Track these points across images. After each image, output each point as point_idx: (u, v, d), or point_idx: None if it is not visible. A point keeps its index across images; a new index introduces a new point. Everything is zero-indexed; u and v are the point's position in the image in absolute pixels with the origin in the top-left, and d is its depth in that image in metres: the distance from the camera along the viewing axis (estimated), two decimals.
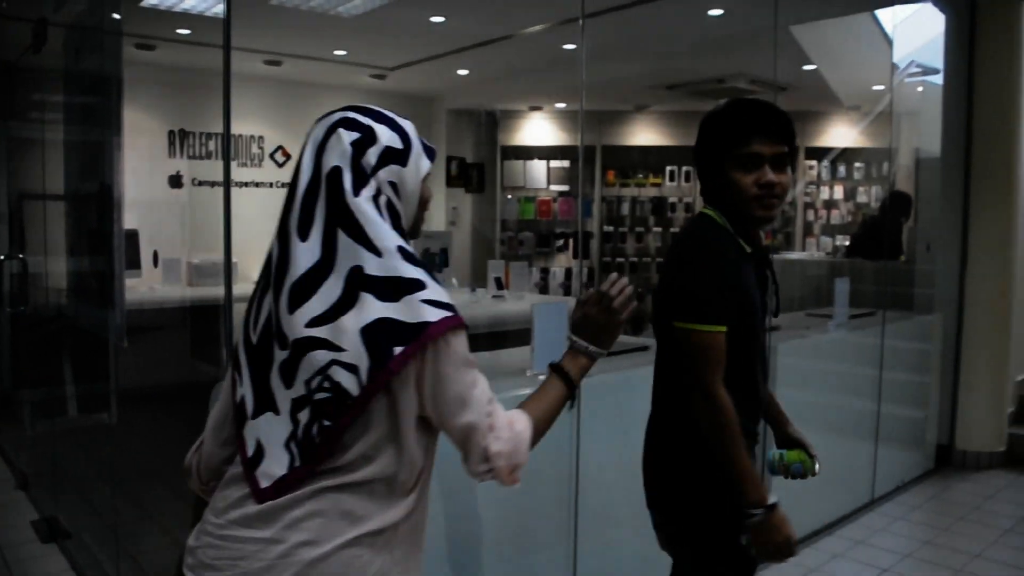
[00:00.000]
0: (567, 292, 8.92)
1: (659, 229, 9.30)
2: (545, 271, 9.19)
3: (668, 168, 9.19)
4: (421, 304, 1.28)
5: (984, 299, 5.42)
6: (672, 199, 9.23)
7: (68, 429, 4.82)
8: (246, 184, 7.70)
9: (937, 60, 5.65)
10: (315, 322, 1.29)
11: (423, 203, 1.45)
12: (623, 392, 3.09)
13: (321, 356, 1.28)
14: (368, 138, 1.36)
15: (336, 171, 1.34)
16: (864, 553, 4.07)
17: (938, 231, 5.61)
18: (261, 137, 7.79)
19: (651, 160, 9.24)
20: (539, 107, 9.23)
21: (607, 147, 9.27)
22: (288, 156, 7.96)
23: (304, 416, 1.30)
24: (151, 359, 5.15)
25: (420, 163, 1.41)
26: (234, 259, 8.07)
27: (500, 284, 6.06)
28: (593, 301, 1.60)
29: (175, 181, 7.08)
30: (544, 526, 2.92)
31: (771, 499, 1.83)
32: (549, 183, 9.31)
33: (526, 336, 3.05)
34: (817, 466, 2.11)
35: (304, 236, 1.33)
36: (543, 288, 8.98)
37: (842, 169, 9.27)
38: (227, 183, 2.57)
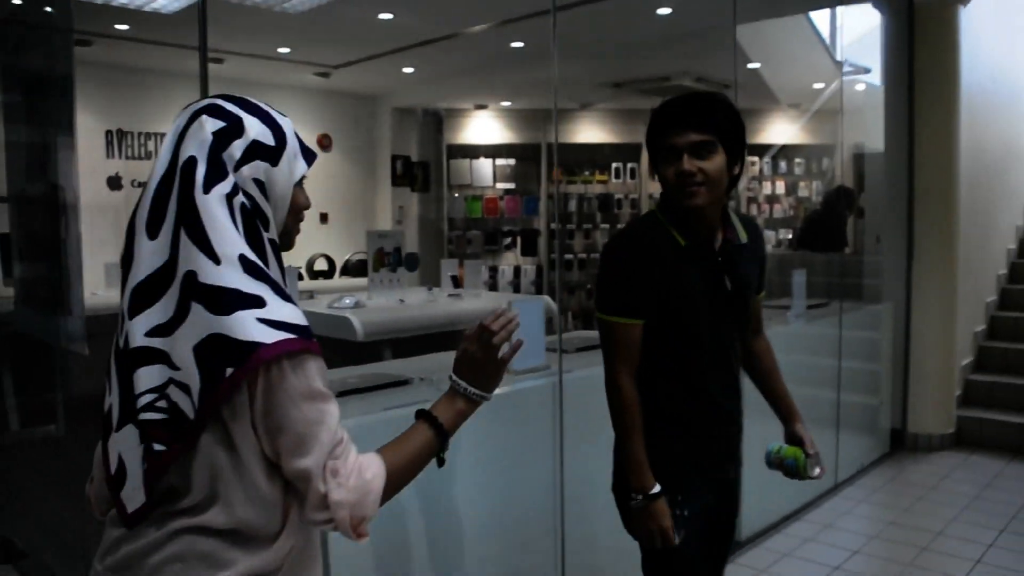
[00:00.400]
0: (516, 290, 8.94)
1: (606, 226, 9.37)
2: (494, 269, 9.19)
3: (614, 165, 9.26)
4: (255, 323, 1.14)
5: (931, 288, 5.60)
6: (618, 196, 9.31)
7: (13, 443, 4.63)
8: None
9: (871, 58, 5.82)
10: (156, 332, 1.18)
11: (296, 210, 1.32)
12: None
13: (158, 373, 1.17)
14: (234, 129, 1.24)
15: (191, 162, 1.21)
16: (834, 536, 4.18)
17: (885, 223, 5.77)
18: None
19: (597, 157, 9.31)
20: (484, 105, 9.21)
21: (553, 145, 9.30)
22: None
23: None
24: (101, 366, 4.98)
25: (295, 165, 1.30)
26: None
27: (456, 282, 6.04)
28: (473, 337, 1.46)
29: (114, 183, 6.87)
30: (531, 521, 2.92)
31: (654, 489, 1.96)
32: (495, 181, 9.30)
33: None
34: (817, 470, 2.11)
35: (153, 234, 1.20)
36: (492, 286, 8.97)
37: (783, 165, 9.47)
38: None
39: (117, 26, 5.81)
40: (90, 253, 6.22)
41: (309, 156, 1.34)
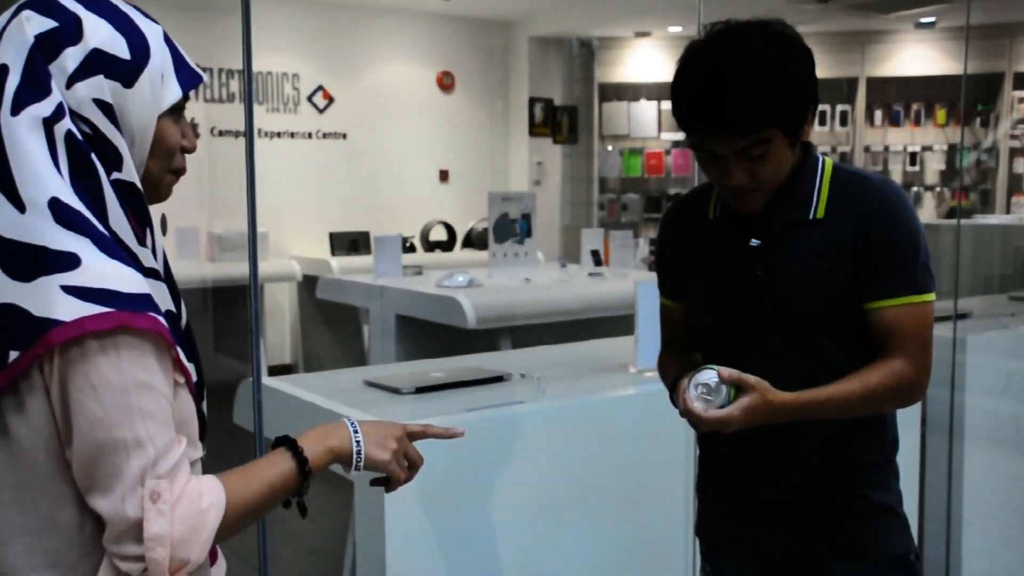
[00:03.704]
0: None
1: None
2: (656, 243, 9.09)
3: (819, 108, 8.99)
4: (58, 293, 1.09)
5: None
6: (823, 148, 9.02)
7: None
8: (278, 134, 7.83)
9: None
10: None
11: (165, 151, 1.27)
12: None
13: None
14: (66, 32, 1.17)
15: (1, 71, 1.15)
16: None
17: None
18: (296, 75, 7.90)
19: None
20: (647, 32, 9.10)
21: None
22: (331, 99, 8.05)
23: None
24: None
25: (162, 89, 1.24)
26: (263, 229, 8.22)
27: (598, 259, 6.02)
28: (413, 431, 1.52)
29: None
30: (659, 560, 2.88)
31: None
32: (660, 130, 9.19)
33: (629, 323, 3.02)
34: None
35: None
36: (653, 264, 8.88)
37: None
38: (250, 133, 2.58)
39: None
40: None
41: (189, 78, 1.28)
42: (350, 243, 7.66)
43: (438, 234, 8.09)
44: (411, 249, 7.77)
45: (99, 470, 1.12)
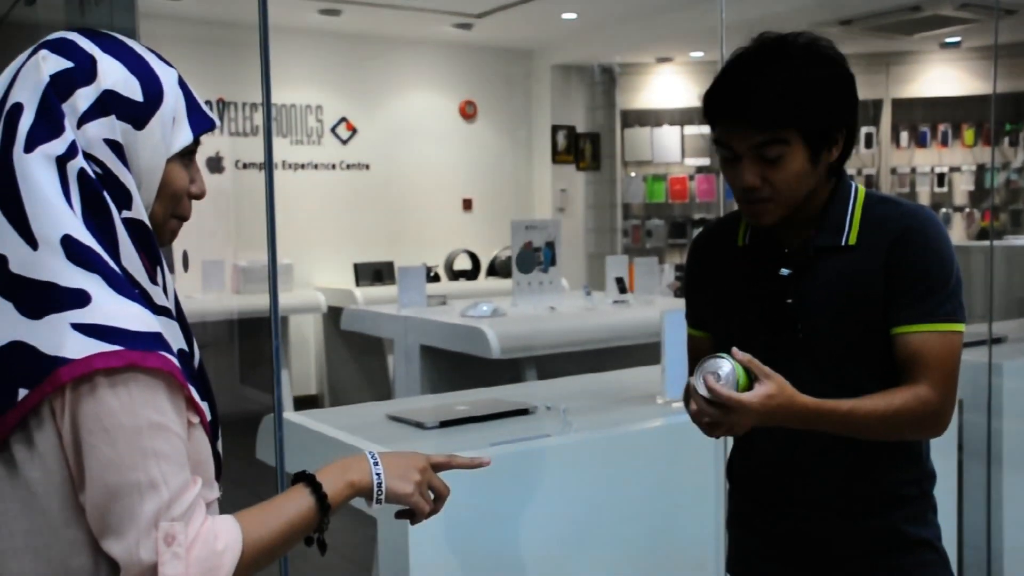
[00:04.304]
0: None
1: None
2: (681, 268, 9.04)
3: None
4: (68, 331, 1.09)
5: None
6: (849, 171, 8.97)
7: None
8: (302, 166, 7.85)
9: None
10: None
11: (171, 195, 1.27)
12: None
13: None
14: (81, 72, 1.18)
15: (15, 110, 1.16)
16: None
17: None
18: (319, 107, 7.93)
19: None
20: (668, 58, 9.10)
21: None
22: (354, 130, 8.08)
23: None
24: None
25: (172, 133, 1.24)
26: (287, 260, 8.23)
27: (623, 286, 5.98)
28: (438, 463, 1.49)
29: (214, 164, 7.27)
30: None
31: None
32: (684, 156, 9.16)
33: (655, 351, 2.99)
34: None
35: None
36: (679, 291, 8.82)
37: None
38: (269, 164, 2.57)
39: None
40: (192, 251, 6.63)
41: (201, 123, 1.28)
42: (374, 273, 7.66)
43: (462, 263, 8.08)
44: (435, 278, 7.76)
45: (112, 514, 1.10)
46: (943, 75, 8.92)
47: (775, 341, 1.79)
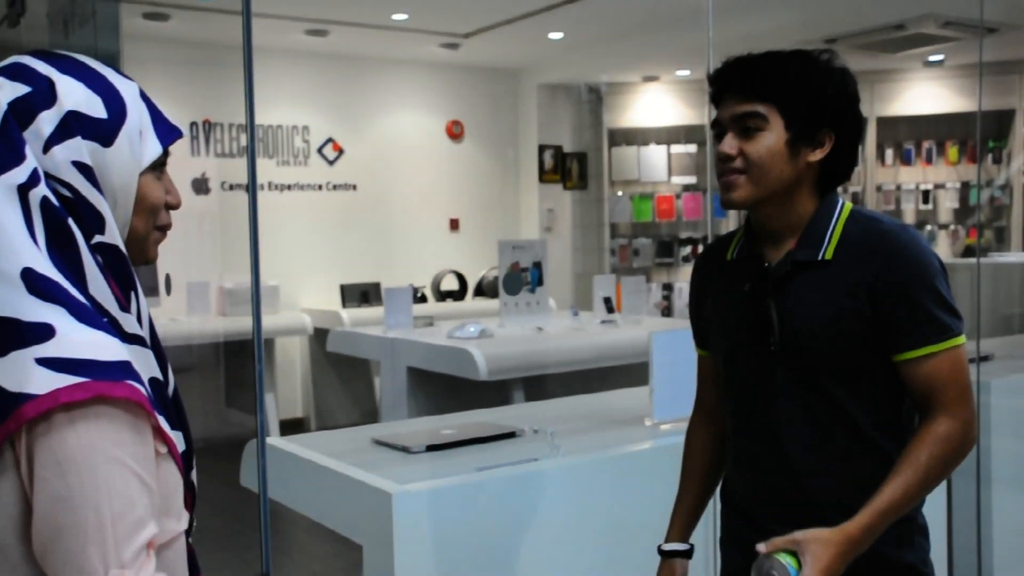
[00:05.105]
0: None
1: None
2: (668, 287, 9.04)
3: None
4: (32, 367, 1.06)
5: None
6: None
7: None
8: (288, 187, 7.82)
9: None
10: None
11: (148, 208, 1.25)
12: None
13: None
14: (40, 96, 1.15)
15: None
16: None
17: None
18: (306, 127, 7.91)
19: None
20: (655, 77, 9.12)
21: None
22: (340, 151, 8.06)
23: None
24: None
25: (140, 146, 1.22)
26: (273, 281, 8.17)
27: (610, 306, 5.96)
28: None
29: (200, 185, 7.24)
30: None
31: (668, 545, 2.04)
32: (671, 175, 9.17)
33: (643, 371, 2.97)
34: None
35: None
36: (666, 310, 8.82)
37: None
38: (253, 185, 2.54)
39: None
40: (174, 272, 6.60)
41: (168, 133, 1.26)
42: (361, 294, 7.63)
43: (449, 283, 8.06)
44: (423, 299, 7.74)
45: (57, 554, 1.06)
46: (927, 93, 8.96)
47: (757, 354, 1.81)
